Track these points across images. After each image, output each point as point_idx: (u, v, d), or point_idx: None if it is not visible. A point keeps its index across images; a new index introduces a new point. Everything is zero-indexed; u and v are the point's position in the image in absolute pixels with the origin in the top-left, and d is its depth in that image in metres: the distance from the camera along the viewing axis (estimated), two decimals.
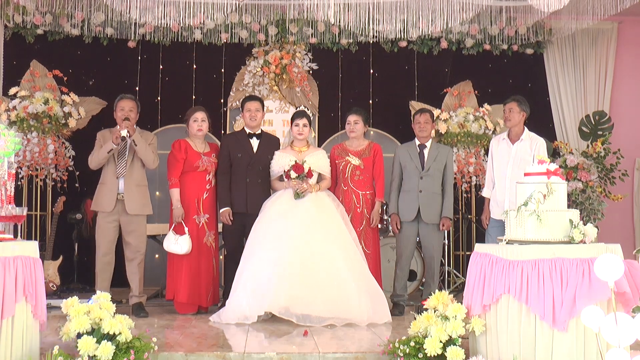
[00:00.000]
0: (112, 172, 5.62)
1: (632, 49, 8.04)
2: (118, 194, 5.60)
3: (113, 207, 5.58)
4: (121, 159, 5.63)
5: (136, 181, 5.66)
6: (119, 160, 5.64)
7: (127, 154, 5.63)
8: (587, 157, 7.25)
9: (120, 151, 5.62)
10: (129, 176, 5.62)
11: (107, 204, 5.59)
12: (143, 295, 5.76)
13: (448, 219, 5.94)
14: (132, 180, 5.63)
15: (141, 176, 5.72)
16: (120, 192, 5.60)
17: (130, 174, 5.63)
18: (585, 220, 6.63)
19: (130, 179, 5.63)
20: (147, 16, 6.45)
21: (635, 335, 3.18)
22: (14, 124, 6.90)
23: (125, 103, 5.68)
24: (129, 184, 5.62)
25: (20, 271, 3.61)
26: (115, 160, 5.63)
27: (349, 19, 6.80)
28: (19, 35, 7.52)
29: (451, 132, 7.42)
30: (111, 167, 5.63)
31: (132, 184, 5.63)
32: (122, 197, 5.59)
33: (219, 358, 4.01)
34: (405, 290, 6.08)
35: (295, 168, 5.58)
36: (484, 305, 3.84)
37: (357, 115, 5.96)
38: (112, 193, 5.59)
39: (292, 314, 5.09)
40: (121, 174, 5.61)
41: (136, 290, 5.67)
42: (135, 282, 5.67)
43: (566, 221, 3.84)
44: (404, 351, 3.87)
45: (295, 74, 7.79)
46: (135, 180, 5.65)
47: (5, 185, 3.84)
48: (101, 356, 3.63)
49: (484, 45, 7.85)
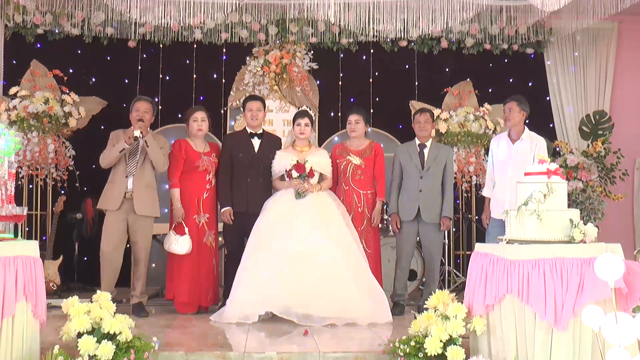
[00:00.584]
0: (122, 171, 5.61)
1: (632, 48, 8.03)
2: (126, 192, 5.59)
3: (119, 205, 5.56)
4: (132, 159, 5.63)
5: (146, 182, 5.65)
6: (130, 160, 5.64)
7: (138, 155, 5.63)
8: (588, 156, 7.25)
9: (131, 151, 5.62)
10: (138, 176, 5.61)
11: (114, 202, 5.58)
12: (144, 296, 5.76)
13: (448, 218, 5.93)
14: (141, 180, 5.62)
15: (151, 178, 5.71)
16: (129, 191, 5.59)
17: (140, 174, 5.62)
18: (586, 219, 6.62)
19: (140, 179, 5.62)
20: (148, 16, 6.46)
21: (635, 334, 3.18)
22: (14, 123, 6.90)
23: (140, 104, 5.68)
24: (138, 184, 5.61)
25: (20, 271, 3.61)
26: (126, 159, 5.63)
27: (349, 19, 6.80)
28: (19, 34, 7.51)
29: (451, 131, 7.42)
30: (121, 166, 5.62)
31: (142, 185, 5.62)
32: (130, 195, 5.58)
33: (220, 358, 4.01)
34: (406, 290, 6.08)
35: (296, 167, 5.58)
36: (487, 305, 3.84)
37: (358, 115, 5.96)
38: (120, 191, 5.58)
39: (293, 313, 5.09)
40: (131, 173, 5.60)
41: (139, 290, 5.68)
42: (140, 282, 5.68)
43: (566, 221, 3.83)
44: (404, 351, 3.87)
45: (295, 74, 7.79)
46: (145, 181, 5.64)
47: (5, 184, 3.84)
48: (101, 356, 3.63)
49: (484, 44, 7.85)
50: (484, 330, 3.86)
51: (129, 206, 5.58)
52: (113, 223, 5.60)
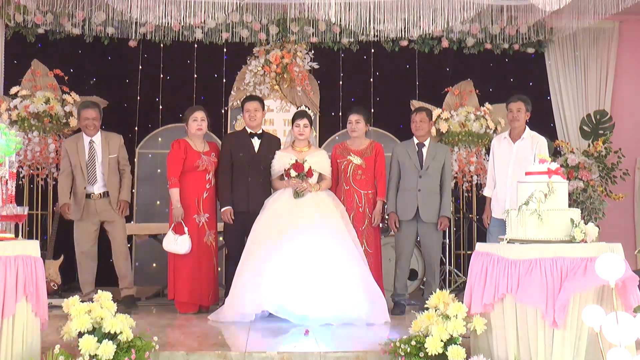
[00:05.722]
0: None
1: (633, 48, 8.03)
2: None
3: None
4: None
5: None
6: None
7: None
8: (588, 156, 7.25)
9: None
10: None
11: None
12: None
13: (446, 218, 5.93)
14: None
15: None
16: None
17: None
18: (587, 219, 6.62)
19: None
20: (148, 15, 6.46)
21: (636, 334, 3.19)
22: (15, 123, 6.91)
23: (87, 112, 6.02)
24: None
25: (21, 270, 3.61)
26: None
27: (350, 18, 6.79)
28: (20, 34, 7.51)
29: (452, 131, 7.41)
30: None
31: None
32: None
33: (220, 357, 4.01)
34: (406, 290, 6.08)
35: (295, 167, 5.58)
36: (485, 304, 3.84)
37: (358, 115, 5.96)
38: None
39: (290, 313, 5.09)
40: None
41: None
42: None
43: (567, 220, 3.83)
44: (404, 350, 3.87)
45: (296, 73, 7.78)
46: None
47: (6, 184, 3.84)
48: (102, 355, 3.63)
49: (485, 44, 7.85)
50: (484, 329, 3.86)
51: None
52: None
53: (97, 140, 6.01)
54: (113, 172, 5.99)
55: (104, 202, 5.96)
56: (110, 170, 5.97)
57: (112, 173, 5.98)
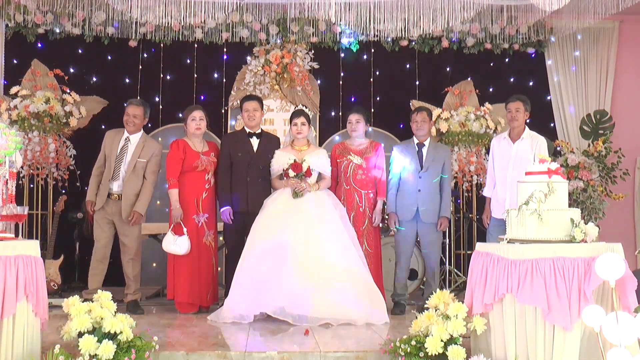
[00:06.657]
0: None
1: (633, 48, 8.03)
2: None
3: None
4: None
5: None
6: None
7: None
8: (588, 156, 7.25)
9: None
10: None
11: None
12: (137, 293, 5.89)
13: (446, 219, 5.93)
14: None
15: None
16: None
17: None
18: (587, 219, 6.63)
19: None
20: (148, 15, 6.46)
21: (636, 334, 3.19)
22: (15, 123, 6.91)
23: (131, 109, 5.92)
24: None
25: (21, 270, 3.61)
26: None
27: (350, 18, 6.79)
28: (20, 34, 7.51)
29: (452, 131, 7.41)
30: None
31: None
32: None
33: (220, 357, 4.02)
34: (406, 290, 6.08)
35: (293, 167, 5.57)
36: (485, 304, 3.84)
37: (358, 114, 5.96)
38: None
39: (288, 314, 5.08)
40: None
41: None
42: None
43: (567, 220, 3.83)
44: (405, 350, 3.87)
45: (296, 73, 7.78)
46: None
47: (6, 184, 3.84)
48: (102, 355, 3.63)
49: (485, 44, 7.84)
50: (484, 329, 3.86)
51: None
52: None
53: (134, 139, 5.90)
54: (136, 176, 5.81)
55: (117, 206, 5.82)
56: (134, 173, 5.81)
57: (135, 176, 5.81)
